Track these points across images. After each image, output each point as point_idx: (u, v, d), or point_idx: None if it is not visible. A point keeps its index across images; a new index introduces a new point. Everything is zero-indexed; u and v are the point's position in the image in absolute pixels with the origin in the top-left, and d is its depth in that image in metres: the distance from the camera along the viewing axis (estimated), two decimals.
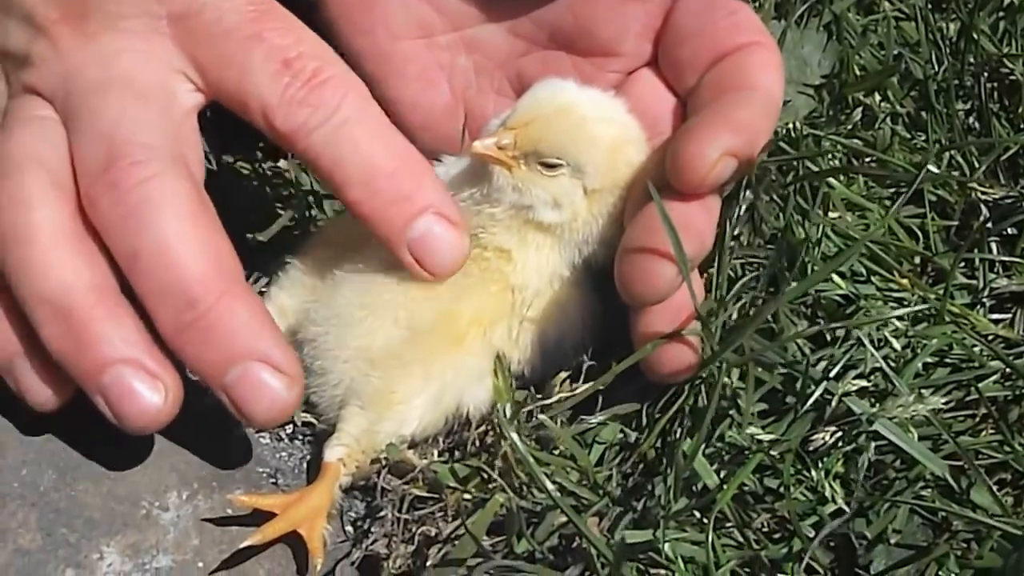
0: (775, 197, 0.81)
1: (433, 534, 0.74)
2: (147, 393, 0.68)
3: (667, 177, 0.72)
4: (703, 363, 0.72)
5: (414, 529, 0.74)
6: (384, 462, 0.75)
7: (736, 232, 0.77)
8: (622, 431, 0.77)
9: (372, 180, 0.72)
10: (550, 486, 0.69)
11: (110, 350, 0.68)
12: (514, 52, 0.85)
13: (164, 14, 0.71)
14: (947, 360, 0.79)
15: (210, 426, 0.77)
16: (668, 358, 0.73)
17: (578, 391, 0.76)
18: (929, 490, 0.73)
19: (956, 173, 0.90)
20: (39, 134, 0.71)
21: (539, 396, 0.77)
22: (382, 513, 0.74)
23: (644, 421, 0.76)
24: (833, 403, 0.73)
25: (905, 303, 0.81)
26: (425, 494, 0.75)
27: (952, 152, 0.90)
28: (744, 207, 0.77)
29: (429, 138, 0.83)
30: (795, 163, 0.82)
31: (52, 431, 0.75)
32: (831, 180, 0.85)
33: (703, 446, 0.72)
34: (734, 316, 0.77)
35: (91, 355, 0.68)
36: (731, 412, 0.74)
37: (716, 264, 0.77)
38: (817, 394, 0.74)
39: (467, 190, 0.77)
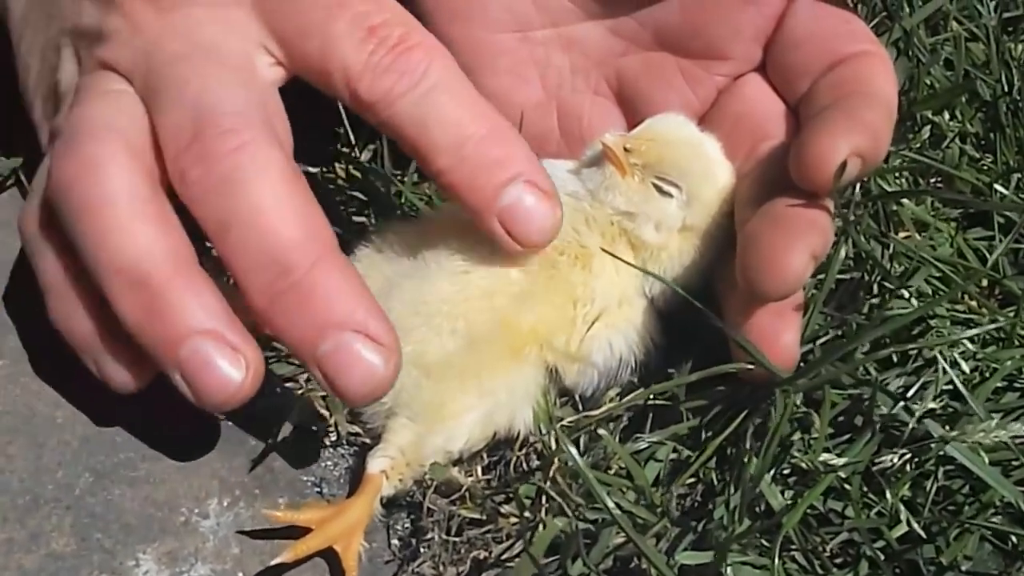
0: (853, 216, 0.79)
1: (483, 557, 0.72)
2: (228, 367, 0.65)
3: (792, 175, 0.70)
4: (782, 382, 0.70)
5: (463, 551, 0.72)
6: (428, 482, 0.73)
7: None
8: (675, 450, 0.74)
9: (460, 146, 0.69)
10: (610, 504, 0.67)
11: (190, 321, 0.65)
12: (613, 52, 0.82)
13: None
14: (1016, 384, 0.77)
15: (254, 433, 0.75)
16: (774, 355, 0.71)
17: (629, 397, 0.75)
18: (998, 517, 0.71)
19: None
20: (115, 106, 0.69)
21: (589, 412, 0.75)
22: (428, 535, 0.72)
23: (703, 440, 0.74)
24: (911, 425, 0.71)
25: (973, 325, 0.78)
26: (475, 516, 0.73)
27: (1021, 174, 0.89)
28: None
29: None
30: (865, 180, 0.80)
31: (90, 433, 0.74)
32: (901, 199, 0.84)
33: (771, 468, 0.70)
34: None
35: (169, 326, 0.65)
36: (796, 432, 0.72)
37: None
38: (893, 415, 0.72)
39: (572, 185, 0.76)
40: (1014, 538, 0.70)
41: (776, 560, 0.66)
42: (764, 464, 0.68)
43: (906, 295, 0.79)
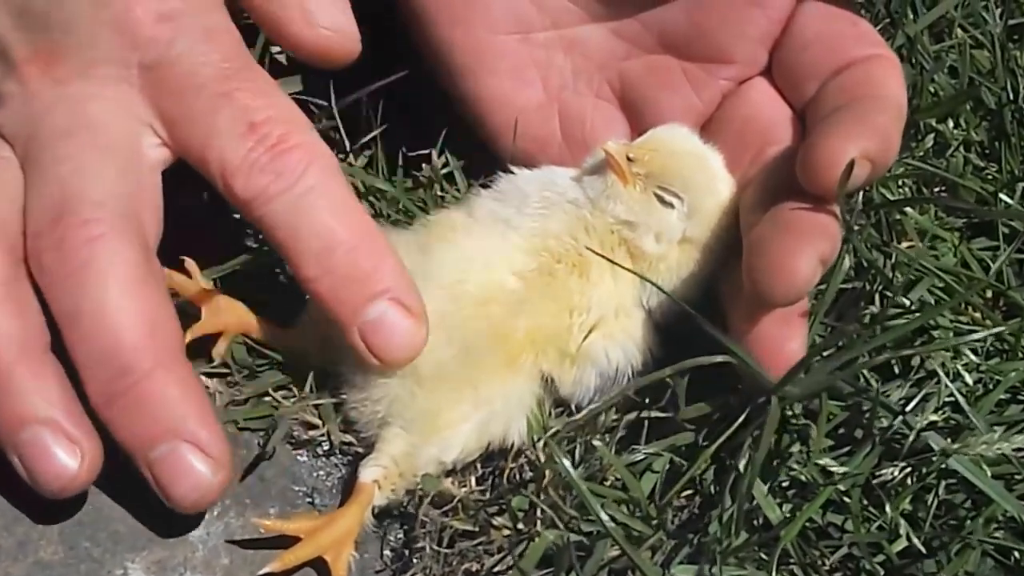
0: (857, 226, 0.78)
1: (475, 569, 0.71)
2: (64, 457, 0.66)
3: (799, 179, 0.69)
4: (777, 389, 0.69)
5: (454, 563, 0.71)
6: (421, 493, 0.72)
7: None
8: (671, 462, 0.73)
9: (329, 256, 0.68)
10: (604, 516, 0.66)
11: (30, 408, 0.66)
12: (616, 54, 0.82)
13: (136, 63, 0.69)
14: (1020, 397, 0.77)
15: (245, 442, 0.74)
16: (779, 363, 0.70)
17: (609, 396, 0.74)
18: (1001, 532, 0.70)
19: None
20: None
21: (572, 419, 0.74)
22: (420, 545, 0.71)
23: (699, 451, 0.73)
24: (911, 437, 0.70)
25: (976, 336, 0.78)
26: (467, 528, 0.72)
27: None
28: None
29: (517, 138, 0.81)
30: (868, 189, 0.80)
31: None
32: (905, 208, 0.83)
33: (769, 480, 0.69)
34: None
35: (9, 411, 0.66)
36: (795, 444, 0.72)
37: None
38: (893, 427, 0.71)
39: (572, 192, 0.75)
40: (1017, 553, 0.69)
41: (773, 574, 0.66)
42: (754, 472, 0.67)
43: (908, 305, 0.78)
